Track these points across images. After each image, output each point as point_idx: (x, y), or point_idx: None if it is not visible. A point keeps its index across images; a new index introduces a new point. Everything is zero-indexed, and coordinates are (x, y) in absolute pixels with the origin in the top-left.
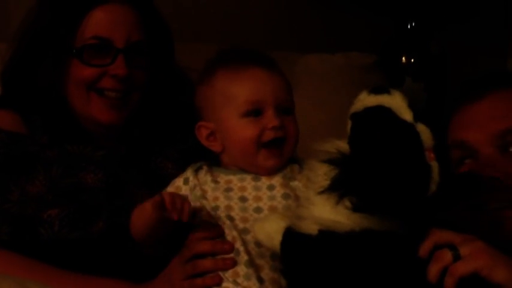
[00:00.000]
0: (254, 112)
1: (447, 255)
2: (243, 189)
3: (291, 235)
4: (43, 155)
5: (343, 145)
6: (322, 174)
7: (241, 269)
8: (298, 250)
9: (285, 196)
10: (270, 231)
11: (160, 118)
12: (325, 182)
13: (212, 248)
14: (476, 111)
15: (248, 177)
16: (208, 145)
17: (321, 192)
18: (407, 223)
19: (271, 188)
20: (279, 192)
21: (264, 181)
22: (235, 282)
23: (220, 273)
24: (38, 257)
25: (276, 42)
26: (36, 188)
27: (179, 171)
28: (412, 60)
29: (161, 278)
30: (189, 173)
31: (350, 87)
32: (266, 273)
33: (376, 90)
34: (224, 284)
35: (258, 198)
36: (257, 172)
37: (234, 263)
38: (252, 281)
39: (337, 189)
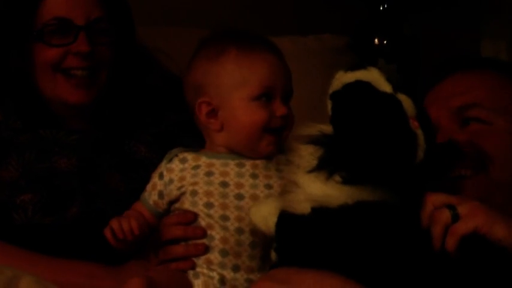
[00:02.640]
0: (265, 96)
1: (445, 214)
2: (225, 174)
3: (285, 217)
4: (16, 140)
5: (325, 127)
6: (307, 155)
7: (215, 256)
8: (293, 230)
9: (268, 186)
10: (265, 213)
11: (130, 99)
12: (312, 162)
13: (184, 233)
14: (438, 91)
15: (232, 163)
16: (206, 122)
17: (310, 172)
18: (400, 192)
19: (254, 176)
20: (261, 182)
21: (248, 168)
22: (209, 268)
23: (194, 260)
24: (11, 241)
25: (248, 24)
26: (9, 173)
27: (152, 154)
28: (385, 42)
29: (135, 262)
30: (162, 167)
31: (323, 69)
32: (243, 261)
33: (353, 67)
34: (198, 269)
35: (239, 185)
36: (252, 156)
37: (206, 249)
38: (226, 270)
39: (325, 166)
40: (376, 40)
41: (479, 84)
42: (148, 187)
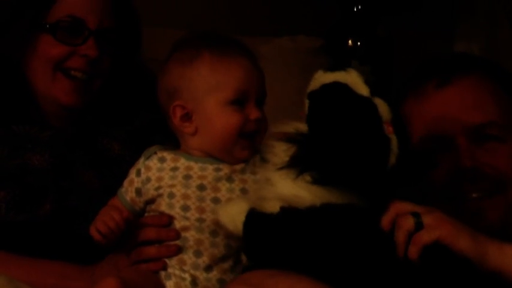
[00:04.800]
0: (240, 101)
1: (409, 221)
2: (202, 177)
3: (253, 216)
4: None
5: (301, 126)
6: (280, 152)
7: (189, 257)
8: (260, 229)
9: (243, 191)
10: (233, 213)
11: (112, 103)
12: (284, 159)
13: (157, 235)
14: (444, 100)
15: (210, 168)
16: (180, 126)
17: (281, 168)
18: (368, 196)
19: (230, 180)
20: (237, 186)
21: (226, 172)
22: (181, 270)
23: (167, 261)
24: None
25: (223, 25)
26: None
27: (125, 152)
28: (359, 43)
29: (107, 262)
30: (140, 164)
31: (297, 70)
32: (216, 263)
33: (332, 68)
34: (170, 270)
35: (216, 189)
36: (227, 160)
37: (178, 250)
38: (199, 270)
39: (297, 164)
40: (349, 42)
41: (488, 97)
42: (126, 183)
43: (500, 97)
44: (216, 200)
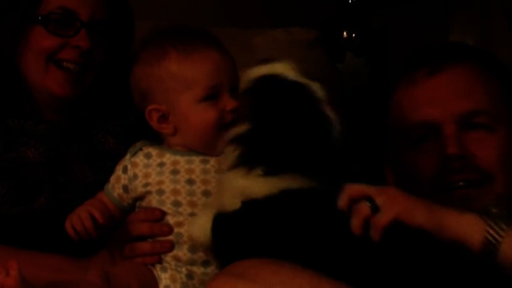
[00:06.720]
0: (212, 96)
1: (365, 207)
2: (190, 171)
3: (219, 218)
4: None
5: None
6: (229, 154)
7: (184, 253)
8: (226, 228)
9: None
10: (203, 223)
11: (106, 96)
12: (234, 159)
13: (150, 230)
14: (435, 87)
15: (196, 160)
16: (158, 128)
17: (231, 169)
18: (324, 177)
19: (219, 172)
20: None
21: (213, 164)
22: (177, 265)
23: (162, 256)
24: None
25: (217, 18)
26: None
27: (120, 146)
28: (354, 35)
29: (102, 255)
30: (127, 160)
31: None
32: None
33: (261, 62)
34: (165, 264)
35: (206, 182)
36: (211, 153)
37: (172, 246)
38: (196, 266)
39: (244, 162)
40: (344, 33)
41: (479, 86)
42: (112, 179)
43: (492, 87)
44: (206, 193)
